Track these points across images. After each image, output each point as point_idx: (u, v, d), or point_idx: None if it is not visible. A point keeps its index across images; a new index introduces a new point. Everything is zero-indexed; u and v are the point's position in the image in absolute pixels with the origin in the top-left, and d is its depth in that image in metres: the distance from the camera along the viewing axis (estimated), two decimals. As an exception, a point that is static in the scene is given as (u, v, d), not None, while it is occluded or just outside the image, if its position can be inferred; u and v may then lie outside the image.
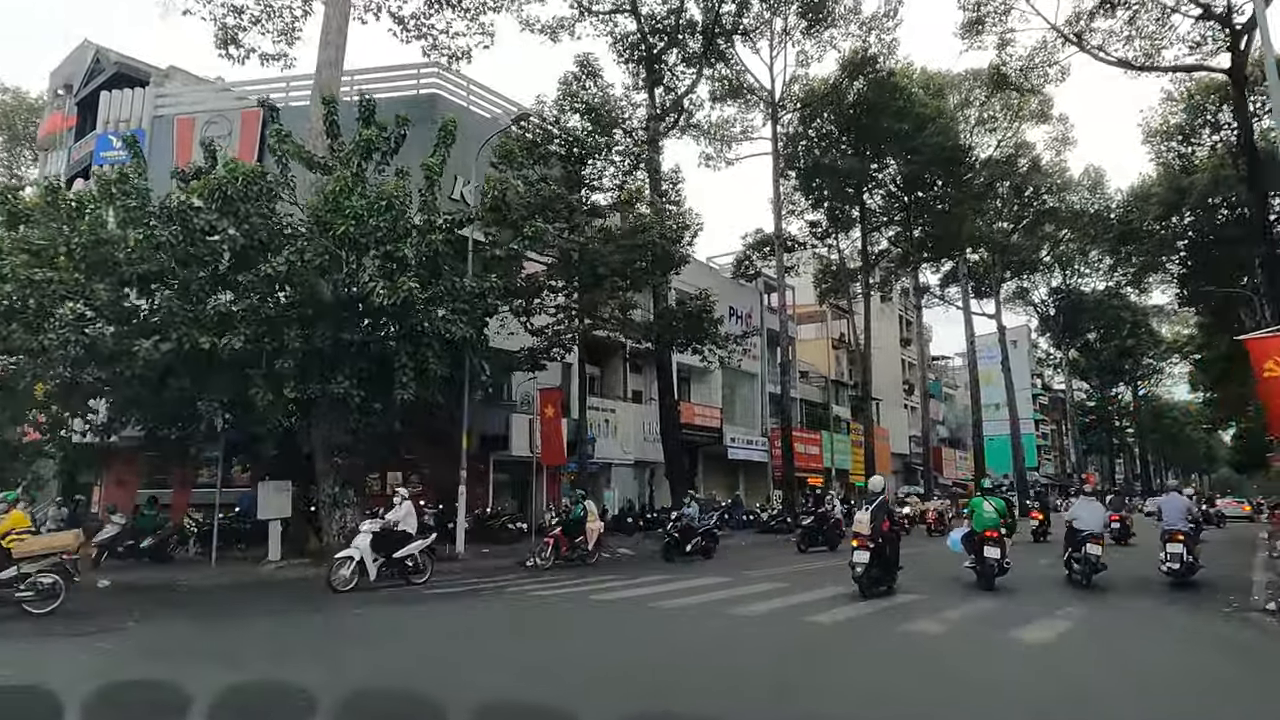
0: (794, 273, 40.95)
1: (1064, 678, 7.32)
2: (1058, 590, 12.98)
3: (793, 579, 14.41)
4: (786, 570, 16.17)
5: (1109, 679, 7.35)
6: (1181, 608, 11.56)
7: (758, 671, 7.47)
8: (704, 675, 7.31)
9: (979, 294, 63.02)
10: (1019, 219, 50.71)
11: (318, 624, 10.51)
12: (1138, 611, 11.39)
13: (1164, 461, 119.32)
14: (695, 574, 15.50)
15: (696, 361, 31.80)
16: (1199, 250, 49.66)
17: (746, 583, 13.62)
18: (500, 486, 27.44)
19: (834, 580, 12.95)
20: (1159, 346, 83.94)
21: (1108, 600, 12.18)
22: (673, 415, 26.20)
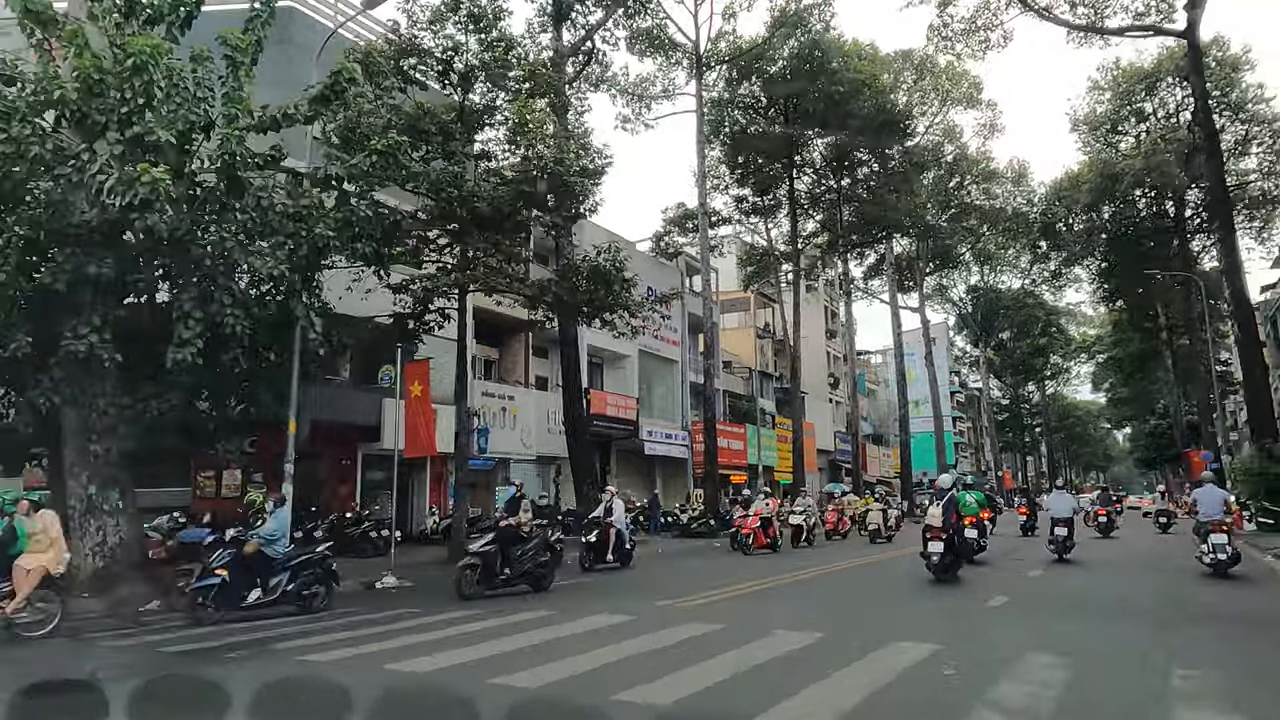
0: (718, 252, 37.35)
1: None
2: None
3: (737, 609, 10.61)
4: (724, 594, 12.21)
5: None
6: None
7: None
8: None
9: (902, 289, 61.17)
10: (945, 207, 48.45)
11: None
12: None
13: (1067, 459, 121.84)
14: (608, 599, 11.52)
15: (610, 338, 27.76)
16: (1120, 246, 48.47)
17: (671, 622, 9.45)
18: (375, 486, 22.75)
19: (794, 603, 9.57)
20: (1068, 345, 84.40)
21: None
22: (579, 401, 22.01)
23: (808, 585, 13.69)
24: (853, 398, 42.11)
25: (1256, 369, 22.81)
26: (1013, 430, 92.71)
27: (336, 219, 12.28)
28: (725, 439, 35.54)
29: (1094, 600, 11.48)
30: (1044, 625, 9.28)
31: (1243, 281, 23.34)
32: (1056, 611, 10.33)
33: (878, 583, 14.22)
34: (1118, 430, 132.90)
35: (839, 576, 14.98)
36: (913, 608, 10.98)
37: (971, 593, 12.10)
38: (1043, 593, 12.40)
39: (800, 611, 10.45)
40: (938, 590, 12.28)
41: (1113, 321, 63.76)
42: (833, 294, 54.01)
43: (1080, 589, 12.83)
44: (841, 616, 10.11)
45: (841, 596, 12.31)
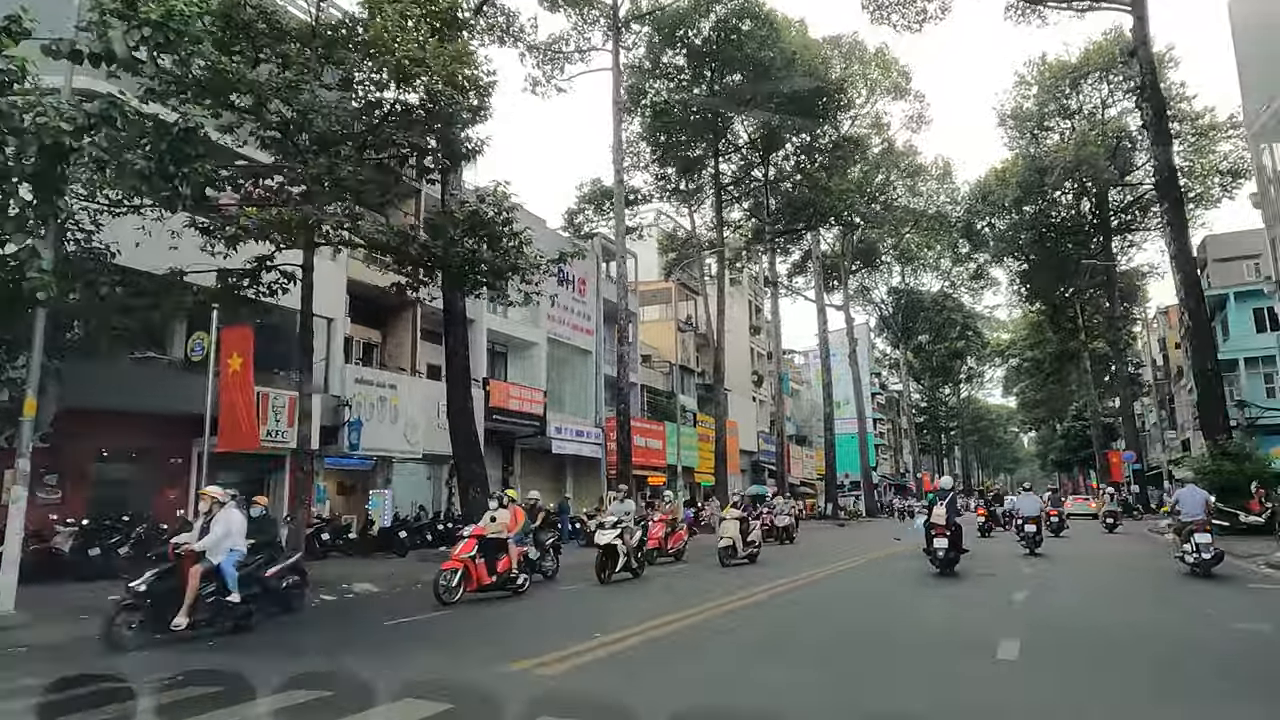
0: (638, 235, 34.35)
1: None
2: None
3: (628, 676, 7.14)
4: (618, 641, 8.36)
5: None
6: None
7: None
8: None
9: (827, 287, 59.57)
10: (872, 202, 46.71)
11: None
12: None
13: (979, 461, 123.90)
14: (434, 655, 8.00)
15: (516, 323, 24.60)
16: (1043, 246, 47.75)
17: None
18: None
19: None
20: (984, 349, 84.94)
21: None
22: (464, 389, 18.47)
23: (733, 628, 9.42)
24: (777, 395, 39.71)
25: (1208, 362, 21.13)
26: (930, 432, 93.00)
27: (78, 117, 8.58)
28: (642, 437, 32.52)
29: (1117, 635, 8.59)
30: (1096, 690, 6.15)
31: (1193, 266, 21.71)
32: (1092, 664, 7.12)
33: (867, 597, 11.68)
34: (1025, 434, 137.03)
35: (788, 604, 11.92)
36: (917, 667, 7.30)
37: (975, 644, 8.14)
38: (1058, 633, 8.85)
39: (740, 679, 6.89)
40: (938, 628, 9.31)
41: (1031, 324, 63.73)
42: (757, 289, 51.76)
43: (1081, 607, 10.98)
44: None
45: (817, 642, 8.41)
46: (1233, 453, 20.19)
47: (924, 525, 14.74)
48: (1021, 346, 75.10)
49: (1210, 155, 39.26)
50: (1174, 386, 52.13)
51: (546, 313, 29.32)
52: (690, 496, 36.23)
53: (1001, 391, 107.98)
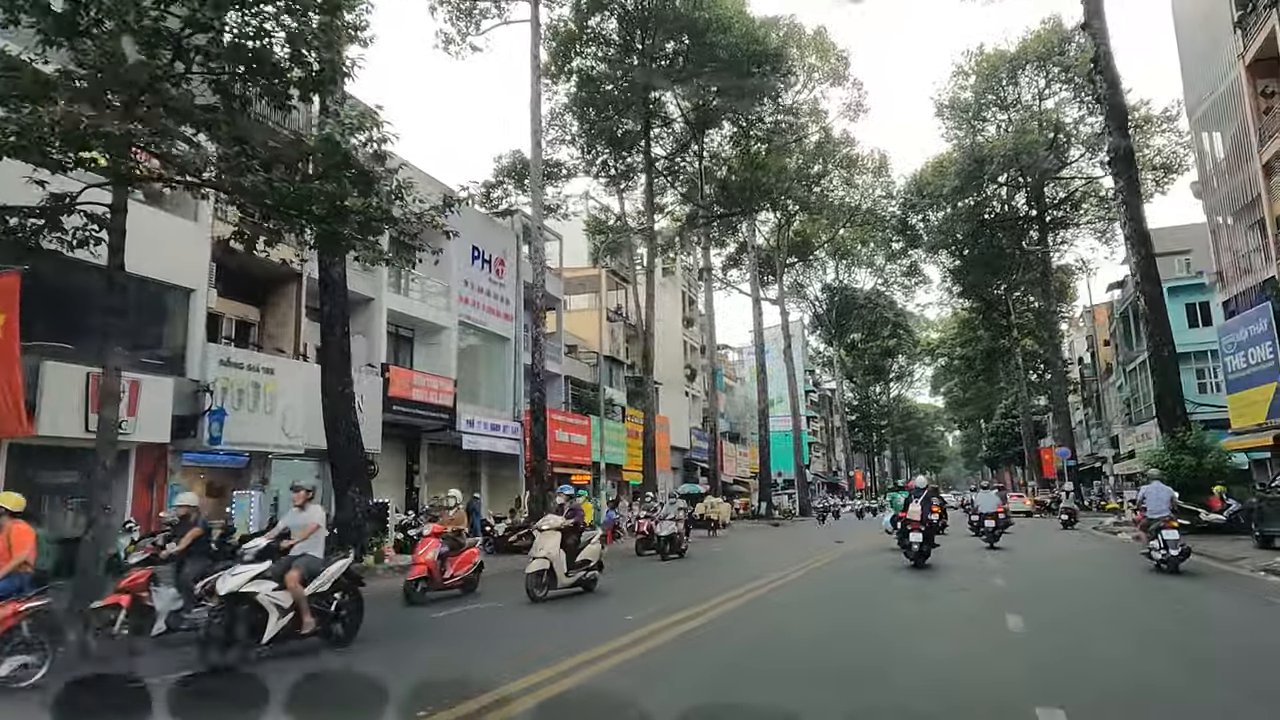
0: (561, 215, 31.78)
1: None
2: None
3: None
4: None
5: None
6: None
7: None
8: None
9: (761, 282, 58.08)
10: (810, 186, 45.13)
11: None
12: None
13: (907, 460, 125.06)
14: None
15: (421, 305, 21.91)
16: (977, 240, 47.02)
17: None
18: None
19: None
20: (915, 348, 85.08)
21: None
22: (342, 372, 15.58)
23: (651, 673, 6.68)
24: (711, 390, 37.59)
25: (1165, 348, 19.78)
26: (862, 431, 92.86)
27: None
28: (565, 432, 29.98)
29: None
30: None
31: (1150, 247, 20.40)
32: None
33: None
34: (950, 433, 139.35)
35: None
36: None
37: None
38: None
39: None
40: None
41: (962, 322, 63.52)
42: (691, 280, 49.72)
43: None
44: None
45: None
46: (1193, 446, 18.82)
47: (890, 521, 16.58)
48: (952, 344, 75.23)
49: (1145, 149, 38.76)
50: (1102, 384, 52.18)
51: (459, 294, 26.50)
52: (617, 496, 33.84)
53: (929, 391, 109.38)
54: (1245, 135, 26.08)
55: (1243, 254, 27.48)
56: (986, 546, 19.21)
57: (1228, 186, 27.87)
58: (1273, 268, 24.88)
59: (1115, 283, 46.40)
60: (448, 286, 26.21)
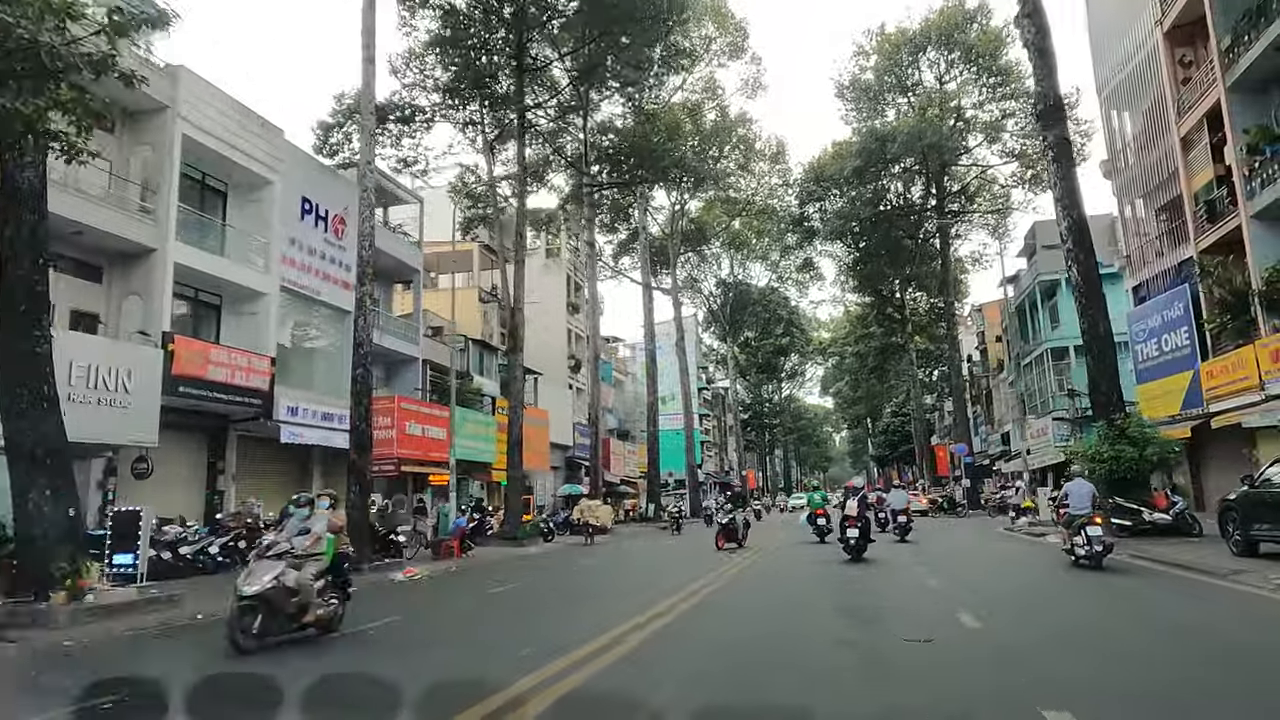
0: (417, 171, 27.20)
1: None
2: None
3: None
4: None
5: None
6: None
7: None
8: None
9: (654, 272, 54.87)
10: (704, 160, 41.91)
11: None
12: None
13: (798, 460, 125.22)
14: None
15: (229, 265, 17.29)
16: (875, 230, 45.18)
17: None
18: None
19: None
20: (808, 346, 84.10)
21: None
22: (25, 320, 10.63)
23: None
24: (594, 380, 33.61)
25: (1101, 325, 17.28)
26: (754, 430, 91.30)
27: None
28: (419, 424, 25.41)
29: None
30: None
31: (1082, 212, 17.95)
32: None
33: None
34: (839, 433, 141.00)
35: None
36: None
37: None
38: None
39: None
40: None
41: (855, 318, 62.24)
42: (578, 264, 45.72)
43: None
44: None
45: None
46: (1133, 435, 16.30)
47: (808, 518, 20.94)
48: (843, 343, 74.37)
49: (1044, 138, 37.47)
50: (993, 381, 51.48)
51: (281, 253, 21.57)
52: (481, 500, 29.47)
53: (820, 391, 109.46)
54: (1161, 108, 24.36)
55: (1153, 236, 25.87)
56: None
57: (1140, 165, 26.22)
58: (1190, 248, 23.16)
59: (1008, 277, 45.38)
60: (266, 243, 21.24)
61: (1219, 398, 21.01)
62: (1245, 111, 20.09)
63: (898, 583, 12.26)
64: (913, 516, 23.88)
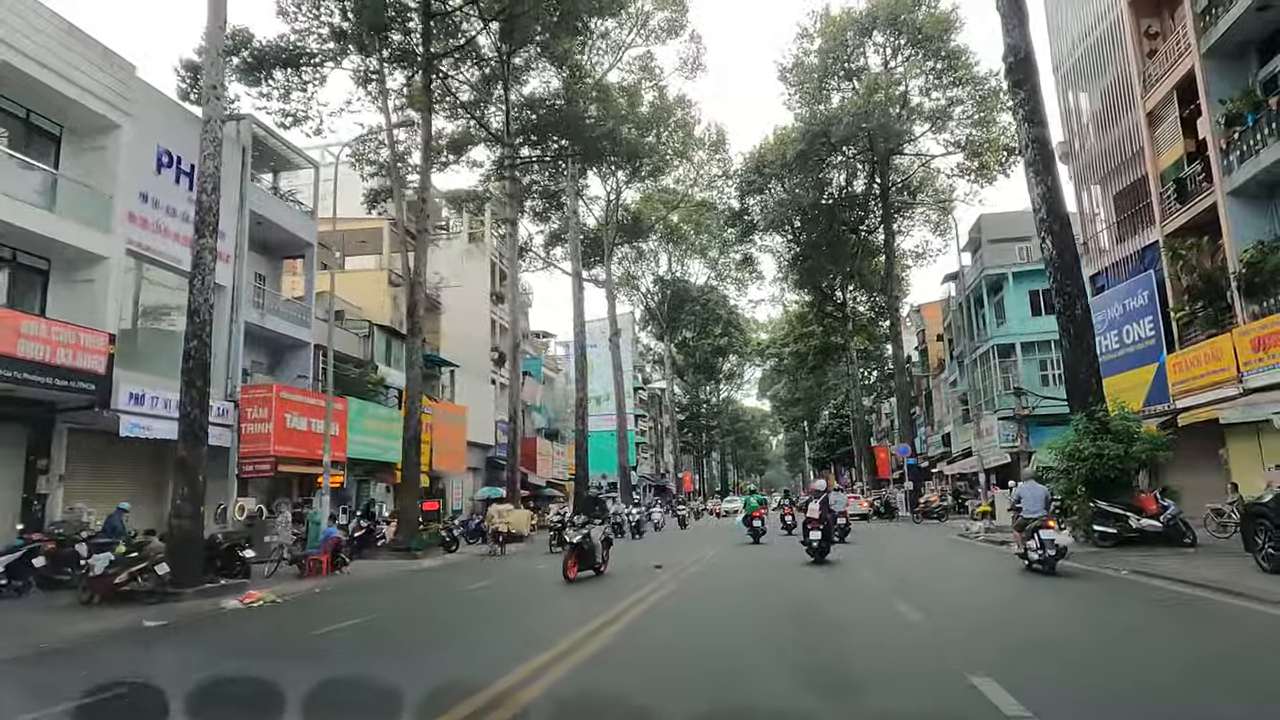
0: (306, 128, 23.82)
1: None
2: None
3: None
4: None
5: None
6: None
7: None
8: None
9: (587, 264, 52.04)
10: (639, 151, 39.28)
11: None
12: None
13: (734, 462, 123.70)
14: None
15: (54, 221, 13.88)
16: (815, 221, 43.28)
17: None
18: None
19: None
20: (746, 346, 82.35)
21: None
22: None
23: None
24: (514, 372, 30.25)
25: (1078, 303, 15.13)
26: (691, 431, 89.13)
27: None
28: (302, 416, 21.97)
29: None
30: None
31: (1057, 178, 15.79)
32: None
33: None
34: (776, 436, 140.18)
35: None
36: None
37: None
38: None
39: None
40: None
41: (796, 316, 60.48)
42: (504, 252, 42.51)
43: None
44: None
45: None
46: (1117, 429, 14.16)
47: (743, 521, 22.70)
48: (782, 344, 72.75)
49: (989, 128, 36.04)
50: (933, 381, 50.15)
51: (127, 210, 17.99)
52: (389, 503, 26.12)
53: (758, 394, 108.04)
54: (1125, 83, 22.64)
55: (1112, 222, 24.21)
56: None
57: (1099, 146, 24.52)
58: (1155, 231, 21.45)
59: (951, 274, 44.05)
60: (109, 197, 17.64)
61: (1188, 392, 19.24)
62: (1221, 80, 18.34)
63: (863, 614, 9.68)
64: (851, 520, 22.72)
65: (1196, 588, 9.54)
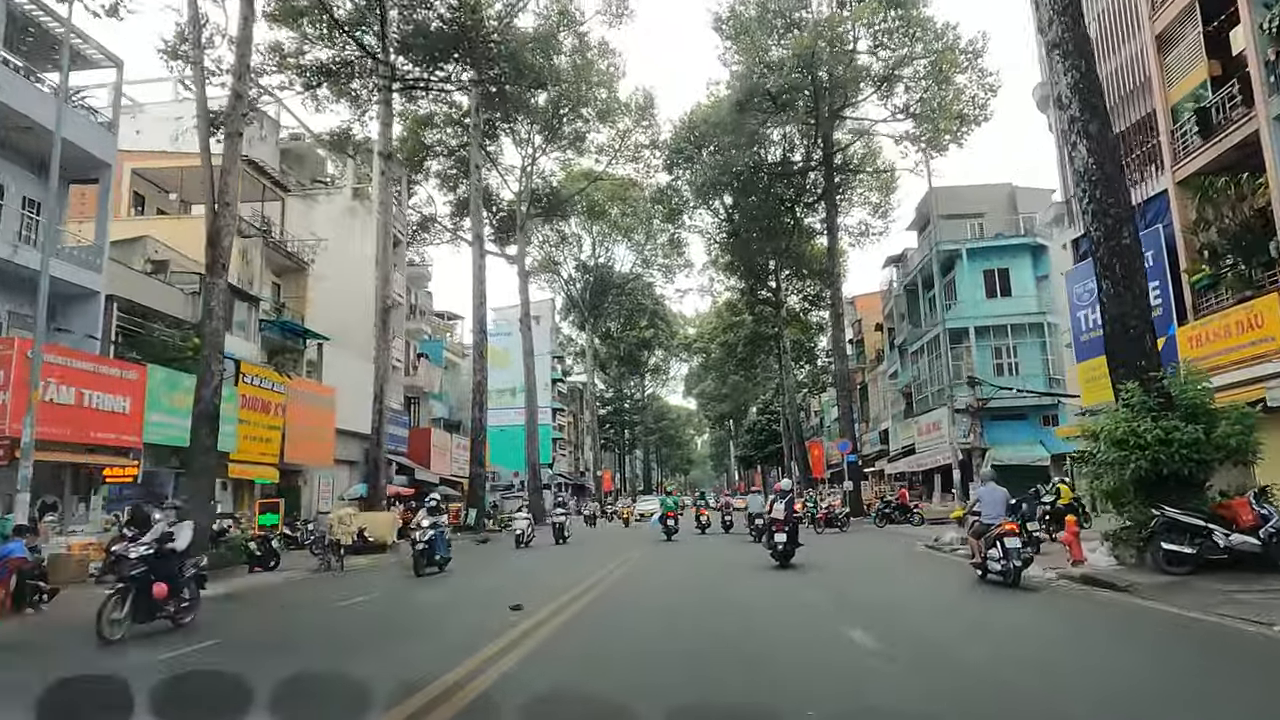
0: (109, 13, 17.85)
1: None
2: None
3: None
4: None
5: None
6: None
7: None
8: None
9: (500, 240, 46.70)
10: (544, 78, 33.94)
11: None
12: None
13: (659, 461, 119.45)
14: None
15: None
16: (752, 190, 38.97)
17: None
18: None
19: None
20: (673, 339, 78.05)
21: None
22: None
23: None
24: (381, 341, 24.08)
25: (1125, 228, 10.82)
26: (614, 428, 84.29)
27: None
28: (72, 386, 16.01)
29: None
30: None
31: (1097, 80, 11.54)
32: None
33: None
34: (701, 436, 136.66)
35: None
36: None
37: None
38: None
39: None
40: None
41: (726, 305, 56.33)
42: (399, 214, 36.76)
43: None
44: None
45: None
46: (1188, 403, 9.90)
47: (658, 519, 25.05)
48: (710, 337, 68.72)
49: (943, 91, 32.28)
50: (869, 374, 46.58)
51: None
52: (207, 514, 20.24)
53: (684, 392, 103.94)
54: (1126, 4, 18.84)
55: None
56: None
57: (1087, 85, 20.64)
58: (1164, 177, 17.62)
59: (893, 256, 40.43)
60: None
61: (1215, 370, 15.34)
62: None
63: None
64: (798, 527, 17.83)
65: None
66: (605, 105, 40.48)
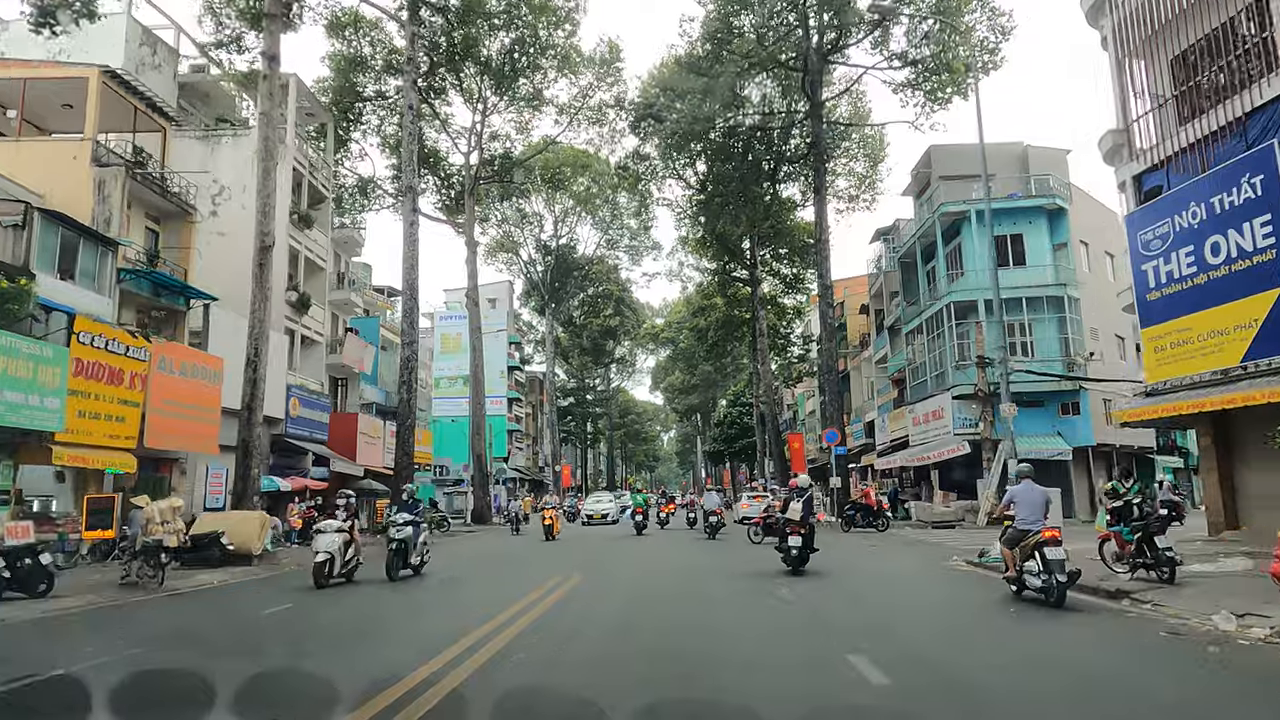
0: None
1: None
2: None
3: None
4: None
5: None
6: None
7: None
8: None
9: (450, 209, 41.96)
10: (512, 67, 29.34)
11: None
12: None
13: (624, 457, 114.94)
14: None
15: None
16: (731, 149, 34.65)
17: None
18: None
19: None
20: (639, 328, 73.54)
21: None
22: None
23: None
24: (257, 296, 18.98)
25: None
26: (576, 419, 79.53)
27: None
28: None
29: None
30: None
31: None
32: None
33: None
34: (668, 431, 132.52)
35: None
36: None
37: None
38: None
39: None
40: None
41: (696, 286, 51.95)
42: (324, 165, 31.64)
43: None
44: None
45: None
46: None
47: (629, 515, 26.46)
48: (680, 325, 64.41)
49: (952, 35, 28.12)
50: (851, 361, 42.45)
51: None
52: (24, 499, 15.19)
53: (650, 385, 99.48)
54: None
55: (1169, 95, 16.23)
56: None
57: (1154, -16, 16.47)
58: (1272, 84, 13.51)
59: (883, 229, 36.31)
60: None
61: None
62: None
63: None
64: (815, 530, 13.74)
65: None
66: (564, 52, 35.79)
